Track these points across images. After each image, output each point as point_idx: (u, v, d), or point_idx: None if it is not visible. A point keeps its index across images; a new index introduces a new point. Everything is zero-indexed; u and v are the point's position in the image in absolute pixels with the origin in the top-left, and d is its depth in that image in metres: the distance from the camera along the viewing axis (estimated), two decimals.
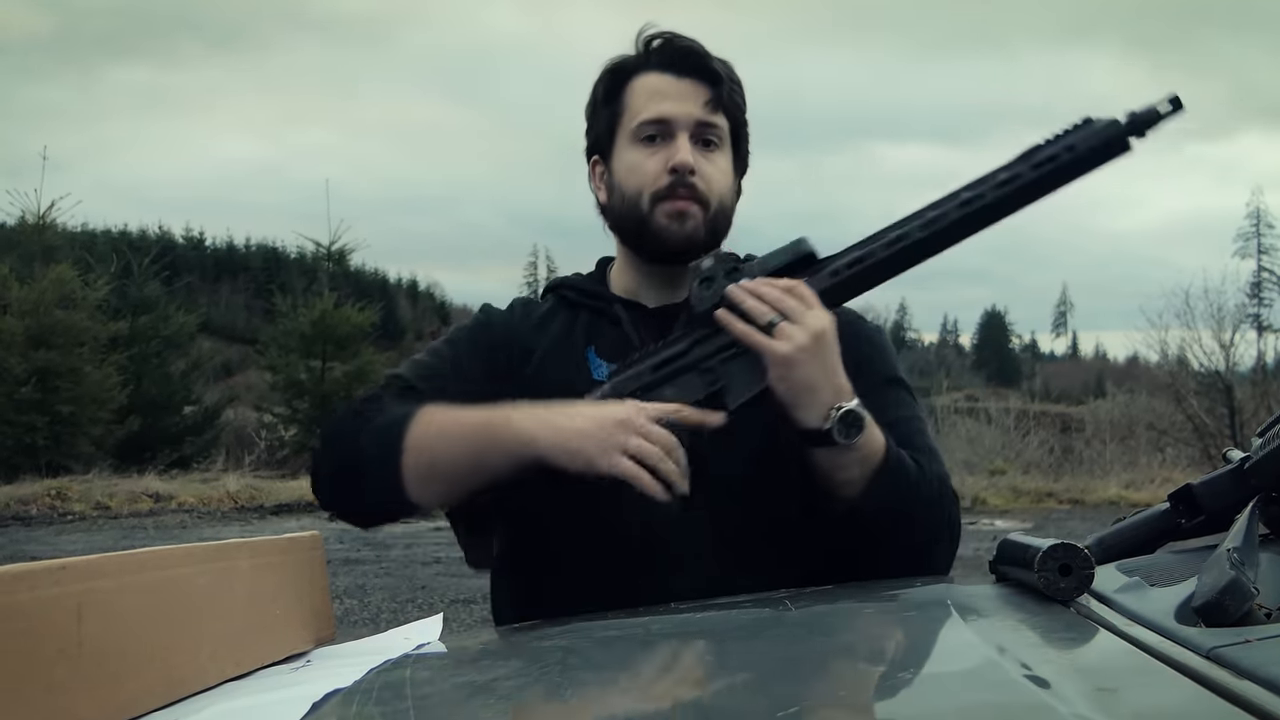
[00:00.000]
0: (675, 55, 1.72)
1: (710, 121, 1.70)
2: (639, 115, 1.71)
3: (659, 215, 1.69)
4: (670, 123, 1.69)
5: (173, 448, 18.84)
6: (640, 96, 1.72)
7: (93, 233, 36.88)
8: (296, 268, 38.91)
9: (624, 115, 1.73)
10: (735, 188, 1.77)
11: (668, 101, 1.70)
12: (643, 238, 1.72)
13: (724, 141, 1.73)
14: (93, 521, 13.06)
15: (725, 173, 1.73)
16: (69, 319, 16.97)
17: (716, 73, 1.71)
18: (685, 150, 1.67)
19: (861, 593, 1.43)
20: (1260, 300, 31.48)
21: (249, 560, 1.27)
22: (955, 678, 0.96)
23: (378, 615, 7.79)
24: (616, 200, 1.74)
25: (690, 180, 1.67)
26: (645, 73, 1.73)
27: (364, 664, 1.14)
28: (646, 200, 1.69)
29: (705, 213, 1.69)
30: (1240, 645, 0.89)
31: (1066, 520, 13.06)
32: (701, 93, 1.70)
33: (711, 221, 1.70)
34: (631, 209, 1.71)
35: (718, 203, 1.70)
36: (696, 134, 1.70)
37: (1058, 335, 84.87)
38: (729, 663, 1.06)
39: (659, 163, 1.68)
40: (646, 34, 1.75)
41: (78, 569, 0.99)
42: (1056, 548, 1.17)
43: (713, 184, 1.70)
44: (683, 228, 1.68)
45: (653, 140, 1.70)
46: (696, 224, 1.68)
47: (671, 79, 1.71)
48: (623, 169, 1.73)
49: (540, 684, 1.02)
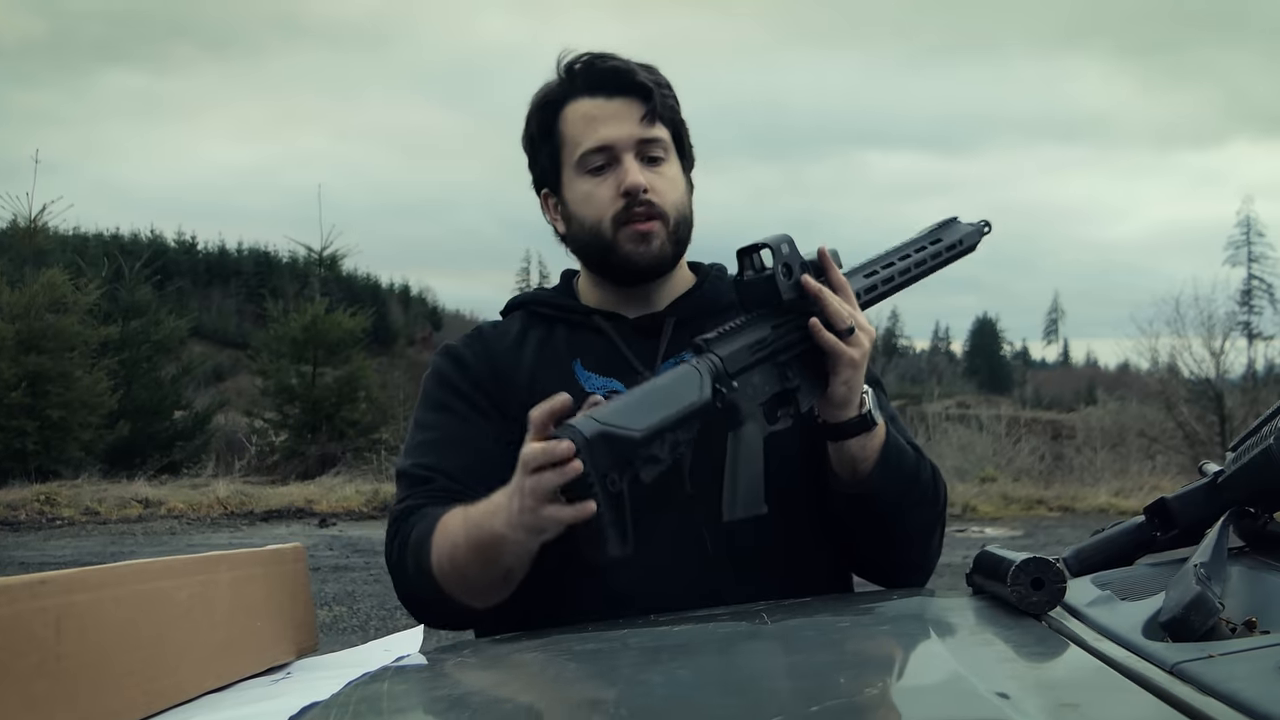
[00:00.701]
0: (601, 77, 1.72)
1: (650, 137, 1.70)
2: (580, 146, 1.71)
3: (623, 241, 1.69)
4: (612, 147, 1.69)
5: (163, 453, 18.79)
6: (576, 126, 1.72)
7: (84, 236, 36.68)
8: (288, 273, 38.91)
9: (565, 147, 1.73)
10: (688, 187, 1.78)
11: (605, 126, 1.70)
12: (610, 263, 1.73)
13: (668, 150, 1.73)
14: (81, 527, 13.01)
15: (676, 181, 1.74)
16: (60, 323, 16.91)
17: (645, 86, 1.71)
18: (634, 171, 1.68)
19: (838, 606, 1.44)
20: (1250, 308, 31.55)
21: (230, 573, 1.27)
22: (921, 692, 0.97)
23: (367, 622, 7.78)
24: (577, 230, 1.74)
25: (645, 199, 1.68)
26: (575, 100, 1.73)
27: (343, 676, 1.15)
28: (608, 226, 1.70)
29: (667, 227, 1.70)
30: (1203, 660, 0.91)
31: (1056, 528, 13.06)
32: (635, 109, 1.70)
33: (674, 233, 1.72)
34: (594, 237, 1.72)
35: (676, 213, 1.72)
36: (640, 152, 1.70)
37: (1049, 342, 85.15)
38: (703, 677, 1.07)
39: (611, 189, 1.69)
40: (566, 60, 1.75)
41: (57, 583, 1.00)
42: (1029, 562, 1.18)
43: (667, 196, 1.71)
44: (650, 249, 1.70)
45: (600, 169, 1.70)
46: (661, 241, 1.70)
47: (602, 101, 1.71)
48: (576, 200, 1.73)
49: (517, 698, 1.03)
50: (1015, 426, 21.56)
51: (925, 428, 20.34)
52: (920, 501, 1.68)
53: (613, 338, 1.75)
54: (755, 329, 1.52)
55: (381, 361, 22.04)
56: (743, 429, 1.48)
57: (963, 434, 20.61)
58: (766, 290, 1.52)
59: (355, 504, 14.41)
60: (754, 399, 1.50)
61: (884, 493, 1.62)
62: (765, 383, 1.52)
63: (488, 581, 1.54)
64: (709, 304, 1.78)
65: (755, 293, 1.53)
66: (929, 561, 1.78)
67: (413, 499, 1.66)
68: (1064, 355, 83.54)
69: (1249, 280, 34.53)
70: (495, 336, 1.81)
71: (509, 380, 1.74)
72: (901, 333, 73.51)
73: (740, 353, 1.49)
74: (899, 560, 1.75)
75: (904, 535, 1.70)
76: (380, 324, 33.01)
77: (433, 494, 1.66)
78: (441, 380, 1.78)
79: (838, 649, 1.17)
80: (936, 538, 1.76)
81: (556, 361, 1.75)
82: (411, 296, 68.06)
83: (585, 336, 1.77)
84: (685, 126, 1.79)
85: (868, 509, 1.64)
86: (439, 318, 61.76)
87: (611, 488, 1.33)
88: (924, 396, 29.28)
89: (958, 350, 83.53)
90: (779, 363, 1.53)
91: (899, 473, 1.64)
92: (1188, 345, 21.10)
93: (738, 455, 1.48)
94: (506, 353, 1.78)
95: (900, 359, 62.13)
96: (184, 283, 43.89)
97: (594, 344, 1.75)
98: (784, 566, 1.65)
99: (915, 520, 1.69)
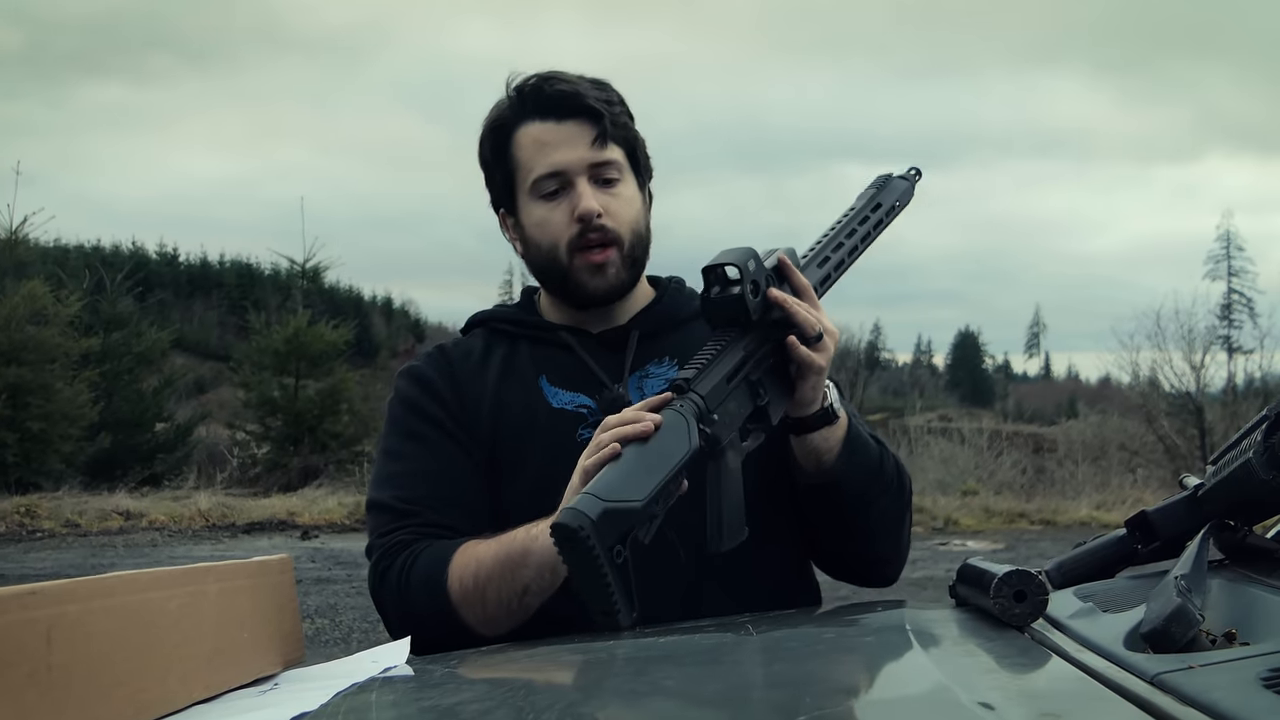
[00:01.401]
0: (551, 100, 1.71)
1: (603, 160, 1.70)
2: (532, 171, 1.71)
3: (578, 270, 1.70)
4: (565, 172, 1.69)
5: (144, 465, 18.71)
6: (528, 151, 1.72)
7: (65, 248, 36.67)
8: (270, 285, 38.80)
9: (518, 172, 1.74)
10: (645, 204, 1.78)
11: (556, 151, 1.69)
12: (566, 289, 1.74)
13: (623, 170, 1.73)
14: (62, 539, 12.95)
15: (631, 200, 1.74)
16: (40, 335, 16.84)
17: (595, 109, 1.70)
18: (588, 197, 1.68)
19: (823, 618, 1.46)
20: (1230, 322, 31.74)
21: (217, 584, 1.28)
22: (905, 703, 0.98)
23: (349, 635, 7.76)
24: (534, 253, 1.75)
25: (599, 224, 1.68)
26: (526, 123, 1.72)
27: (331, 687, 1.15)
28: (563, 252, 1.70)
29: (621, 251, 1.71)
30: (1183, 671, 0.92)
31: (1038, 541, 13.10)
32: (586, 132, 1.70)
33: (629, 256, 1.72)
34: (550, 262, 1.72)
35: (631, 234, 1.72)
36: (593, 175, 1.70)
37: (1030, 356, 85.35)
38: (690, 687, 1.08)
39: (565, 214, 1.69)
40: (516, 82, 1.74)
41: (47, 594, 1.00)
42: (1011, 574, 1.19)
43: (622, 218, 1.71)
44: (605, 279, 1.71)
45: (554, 194, 1.70)
46: (616, 269, 1.71)
47: (553, 125, 1.71)
48: (531, 225, 1.73)
49: (504, 708, 1.04)
50: (997, 440, 21.63)
51: (908, 441, 20.40)
52: (886, 491, 1.70)
53: (578, 352, 1.75)
54: (730, 355, 1.52)
55: (364, 374, 21.99)
56: (724, 459, 1.49)
57: (945, 447, 20.66)
58: (735, 310, 1.52)
59: (337, 516, 14.37)
60: (731, 426, 1.51)
61: (849, 483, 1.64)
62: (740, 407, 1.53)
63: (507, 601, 1.55)
64: (670, 317, 1.80)
65: (723, 312, 1.53)
66: (900, 553, 1.79)
67: (404, 534, 1.66)
68: (1045, 369, 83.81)
69: (1229, 294, 34.72)
70: (458, 355, 1.80)
71: (475, 400, 1.74)
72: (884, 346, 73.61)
73: (719, 385, 1.50)
74: (870, 553, 1.77)
75: (872, 526, 1.71)
76: (363, 336, 32.91)
77: (422, 529, 1.66)
78: (408, 405, 1.77)
79: (822, 659, 1.18)
80: (905, 529, 1.78)
81: (522, 379, 1.75)
82: (394, 309, 67.91)
83: (550, 352, 1.76)
84: (640, 141, 1.78)
85: (834, 500, 1.66)
86: (422, 330, 61.59)
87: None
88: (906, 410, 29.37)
89: (940, 364, 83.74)
90: (751, 381, 1.54)
91: (863, 463, 1.66)
92: (1168, 359, 21.24)
93: (720, 487, 1.48)
94: (471, 371, 1.77)
95: (883, 372, 62.16)
96: (166, 294, 43.69)
97: (559, 359, 1.75)
98: (758, 573, 1.66)
99: (882, 510, 1.71)
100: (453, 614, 1.57)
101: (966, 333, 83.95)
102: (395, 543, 1.66)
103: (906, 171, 1.77)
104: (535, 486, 1.63)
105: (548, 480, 1.57)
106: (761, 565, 1.66)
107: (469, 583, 1.56)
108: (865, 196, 1.73)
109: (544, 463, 1.66)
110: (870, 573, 1.81)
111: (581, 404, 1.71)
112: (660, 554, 1.51)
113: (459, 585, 1.57)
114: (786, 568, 1.75)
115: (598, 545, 1.32)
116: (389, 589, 1.64)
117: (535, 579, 1.52)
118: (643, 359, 1.75)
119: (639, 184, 1.77)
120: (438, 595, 1.57)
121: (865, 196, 1.73)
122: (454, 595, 1.57)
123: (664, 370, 1.73)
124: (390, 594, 1.64)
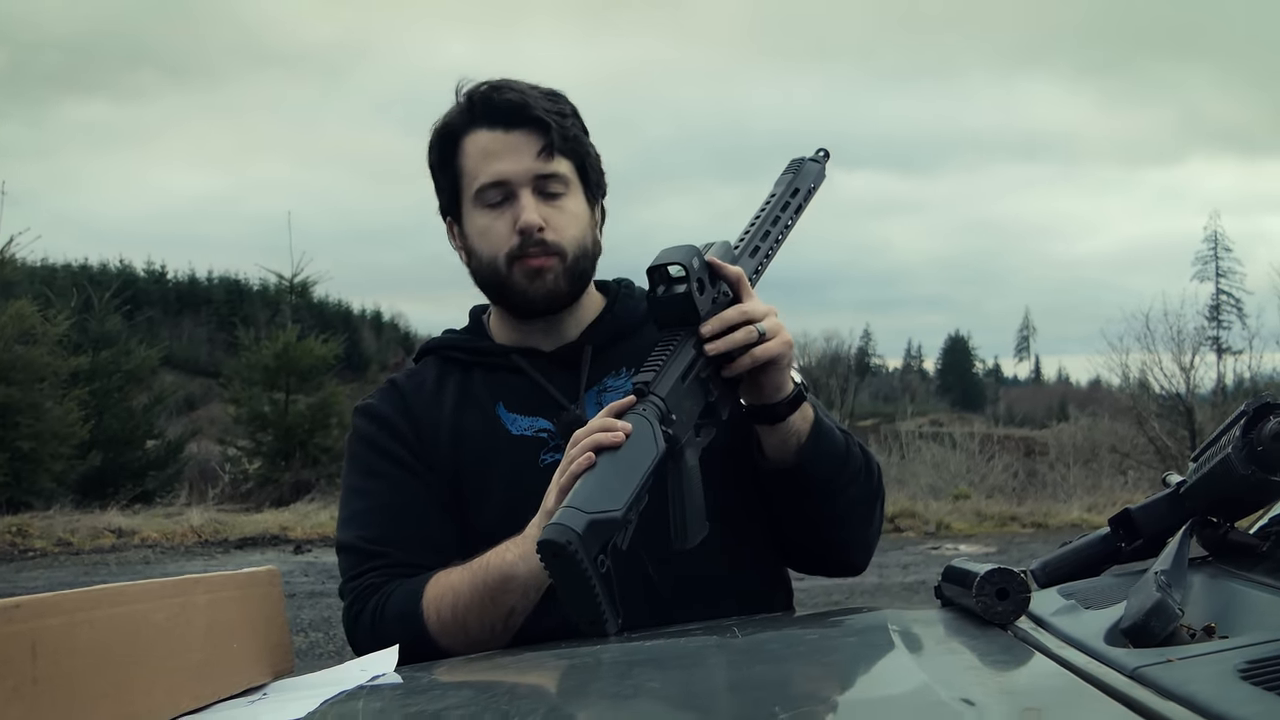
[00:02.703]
0: (499, 109, 1.69)
1: (548, 172, 1.68)
2: (476, 180, 1.69)
3: (516, 276, 1.68)
4: (509, 183, 1.67)
5: (135, 482, 18.64)
6: (473, 159, 1.70)
7: (53, 267, 36.44)
8: (259, 300, 38.67)
9: (463, 179, 1.72)
10: (593, 220, 1.76)
11: (501, 161, 1.67)
12: (505, 298, 1.73)
13: (569, 183, 1.71)
14: (54, 558, 12.90)
15: (577, 215, 1.71)
16: (29, 354, 16.79)
17: (544, 119, 1.68)
18: (530, 209, 1.66)
19: (807, 620, 1.46)
20: (1219, 323, 31.68)
21: (206, 595, 1.28)
22: (888, 702, 0.99)
23: (343, 648, 7.69)
24: (476, 263, 1.73)
25: (539, 237, 1.66)
26: (473, 131, 1.70)
27: (319, 696, 1.15)
28: (503, 262, 1.68)
29: (563, 262, 1.69)
30: (1162, 665, 0.93)
31: (1029, 544, 13.10)
32: (533, 143, 1.68)
33: (571, 269, 1.70)
34: (491, 273, 1.70)
35: (575, 248, 1.70)
36: (538, 187, 1.68)
37: (1020, 360, 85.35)
38: (674, 689, 1.09)
39: (506, 224, 1.67)
40: (466, 89, 1.72)
41: (31, 606, 1.01)
42: (994, 573, 1.20)
43: (565, 232, 1.69)
44: (543, 284, 1.68)
45: (498, 205, 1.68)
46: (555, 276, 1.69)
47: (500, 134, 1.68)
48: (474, 234, 1.71)
49: (490, 712, 1.04)
50: (988, 444, 21.61)
51: (899, 446, 20.41)
52: (855, 478, 1.69)
53: (532, 375, 1.73)
54: (682, 355, 1.52)
55: (354, 388, 21.89)
56: (683, 457, 1.49)
57: (936, 452, 20.67)
58: (683, 309, 1.53)
59: (330, 530, 14.31)
60: (687, 425, 1.51)
61: (817, 468, 1.64)
62: (694, 405, 1.53)
63: (490, 625, 1.54)
64: (623, 326, 1.78)
65: (672, 311, 1.54)
66: (869, 541, 1.79)
67: (374, 575, 1.66)
68: (1036, 372, 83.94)
69: (1217, 295, 34.76)
70: (411, 388, 1.78)
71: (432, 430, 1.73)
72: (874, 351, 73.81)
73: (676, 385, 1.50)
74: (839, 539, 1.75)
75: (840, 513, 1.70)
76: (353, 350, 32.92)
77: (391, 570, 1.65)
78: (366, 443, 1.76)
79: (806, 660, 1.18)
80: (876, 516, 1.77)
81: (479, 407, 1.73)
82: (384, 322, 67.87)
83: (504, 378, 1.75)
84: (591, 155, 1.76)
85: (803, 487, 1.65)
86: (411, 343, 61.46)
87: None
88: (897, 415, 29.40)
89: (930, 368, 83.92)
90: (701, 379, 1.54)
91: (830, 448, 1.65)
92: (1158, 361, 21.24)
93: (681, 485, 1.49)
94: (425, 404, 1.76)
95: (873, 378, 62.31)
96: (154, 312, 43.63)
97: (514, 384, 1.74)
98: (728, 574, 1.66)
99: (852, 497, 1.70)
100: (432, 646, 1.55)
101: (956, 337, 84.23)
102: (365, 586, 1.66)
103: (816, 154, 1.76)
104: (501, 514, 1.62)
105: (513, 508, 1.57)
106: (733, 566, 1.66)
107: (446, 614, 1.56)
108: (783, 183, 1.72)
109: (508, 489, 1.66)
110: (839, 561, 1.79)
111: (541, 428, 1.69)
112: (624, 559, 1.52)
113: (436, 617, 1.56)
114: (759, 567, 1.74)
115: (585, 558, 1.33)
116: (363, 631, 1.64)
117: (520, 600, 1.53)
118: (599, 374, 1.73)
119: (588, 198, 1.74)
120: (415, 630, 1.56)
121: (783, 183, 1.72)
122: (432, 628, 1.56)
123: (621, 383, 1.71)
124: (365, 635, 1.63)
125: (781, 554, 1.79)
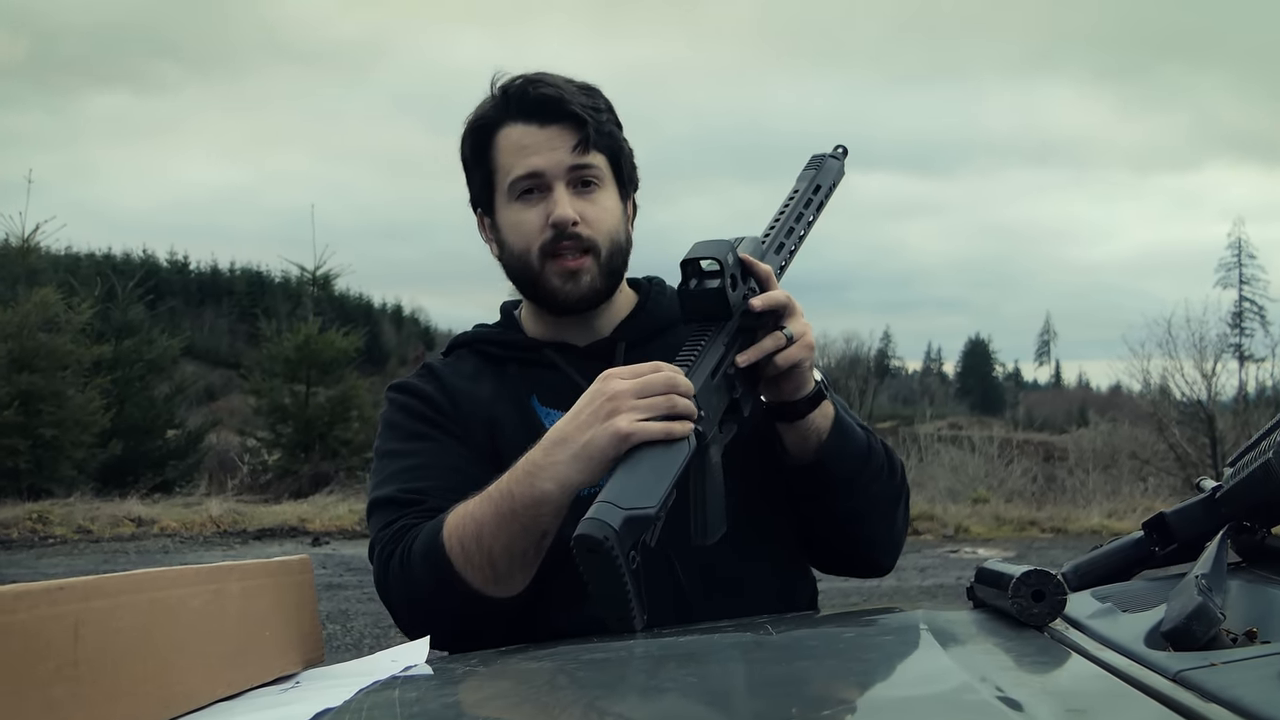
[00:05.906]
0: (534, 104, 1.68)
1: (583, 164, 1.68)
2: (510, 173, 1.68)
3: (551, 275, 1.68)
4: (543, 175, 1.67)
5: (155, 472, 18.73)
6: (508, 153, 1.69)
7: (77, 256, 36.73)
8: (281, 292, 38.84)
9: (497, 173, 1.71)
10: (626, 215, 1.75)
11: (535, 155, 1.67)
12: (539, 295, 1.72)
13: (604, 178, 1.70)
14: (74, 545, 12.98)
15: (610, 209, 1.71)
16: (52, 342, 16.89)
17: (579, 114, 1.67)
18: (564, 203, 1.65)
19: (841, 619, 1.46)
20: (1242, 330, 31.57)
21: (240, 583, 1.28)
22: (930, 701, 0.99)
23: (360, 640, 7.77)
24: (508, 256, 1.72)
25: (574, 231, 1.66)
26: (508, 125, 1.70)
27: (353, 685, 1.15)
28: (535, 257, 1.68)
29: (598, 260, 1.69)
30: (1206, 669, 0.92)
31: (1049, 549, 13.07)
32: (568, 137, 1.67)
33: (606, 265, 1.70)
34: (524, 267, 1.70)
35: (609, 243, 1.69)
36: (572, 180, 1.67)
37: (1041, 364, 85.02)
38: (712, 684, 1.09)
39: (539, 217, 1.67)
40: (501, 82, 1.72)
41: (75, 589, 1.01)
42: (1030, 574, 1.20)
43: (599, 226, 1.68)
44: (578, 286, 1.68)
45: (530, 194, 1.68)
46: (591, 277, 1.68)
47: (535, 129, 1.68)
48: (506, 227, 1.71)
49: (528, 704, 1.04)
50: (1007, 448, 21.54)
51: (918, 449, 20.36)
52: (877, 475, 1.69)
53: (566, 370, 1.72)
54: (713, 351, 1.52)
55: (374, 381, 21.91)
56: (707, 454, 1.49)
57: (955, 455, 20.61)
58: (715, 304, 1.52)
59: (348, 523, 14.39)
60: (713, 421, 1.51)
61: (838, 465, 1.64)
62: (720, 401, 1.53)
63: (518, 554, 1.51)
64: (655, 323, 1.78)
65: (703, 306, 1.53)
66: (895, 540, 1.78)
67: (406, 519, 1.62)
68: (1056, 377, 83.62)
69: (1240, 302, 34.61)
70: (448, 372, 1.78)
71: (469, 412, 1.72)
72: (894, 354, 73.71)
73: (706, 382, 1.50)
74: (864, 536, 1.74)
75: (864, 509, 1.70)
76: (373, 344, 32.92)
77: (425, 514, 1.62)
78: (407, 411, 1.75)
79: (844, 657, 1.18)
80: (900, 515, 1.77)
81: (514, 400, 1.72)
82: (404, 316, 68.05)
83: (538, 372, 1.74)
84: (625, 151, 1.75)
85: (824, 484, 1.65)
86: (431, 337, 61.62)
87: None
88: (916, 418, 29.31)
89: (950, 371, 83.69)
90: (728, 375, 1.54)
91: (851, 445, 1.65)
92: (1179, 367, 21.10)
93: (704, 482, 1.48)
94: (463, 387, 1.75)
95: (892, 380, 62.21)
96: (176, 302, 43.83)
97: (548, 379, 1.73)
98: (752, 572, 1.66)
99: (874, 494, 1.70)
100: (458, 580, 1.52)
101: (976, 340, 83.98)
102: (397, 529, 1.62)
103: (835, 150, 1.77)
104: None
105: None
106: (756, 564, 1.67)
107: (470, 545, 1.51)
108: (806, 179, 1.72)
109: None
110: (865, 560, 1.78)
111: None
112: (649, 555, 1.52)
113: (460, 549, 1.52)
114: (781, 564, 1.74)
115: (620, 555, 1.33)
116: (393, 576, 1.60)
117: (553, 522, 1.49)
118: None
119: (621, 193, 1.74)
120: (440, 564, 1.52)
121: (806, 179, 1.72)
122: (456, 561, 1.52)
123: None
124: (395, 580, 1.60)
125: (808, 553, 1.79)
